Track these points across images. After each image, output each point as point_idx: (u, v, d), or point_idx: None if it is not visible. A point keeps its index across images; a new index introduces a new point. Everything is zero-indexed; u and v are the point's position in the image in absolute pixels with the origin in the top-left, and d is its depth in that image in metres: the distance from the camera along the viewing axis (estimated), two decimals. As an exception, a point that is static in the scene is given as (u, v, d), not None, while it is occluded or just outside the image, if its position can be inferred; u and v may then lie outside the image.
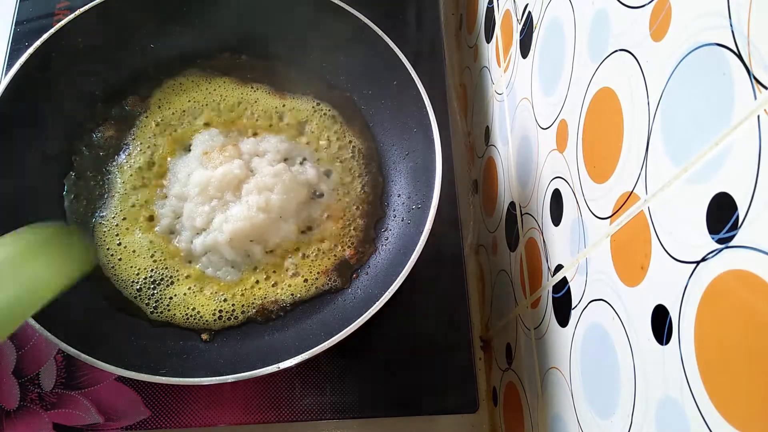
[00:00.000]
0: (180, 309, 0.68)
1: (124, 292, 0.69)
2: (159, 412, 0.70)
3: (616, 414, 0.46)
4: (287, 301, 0.70)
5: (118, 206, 0.72)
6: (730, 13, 0.33)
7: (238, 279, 0.70)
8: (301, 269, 0.71)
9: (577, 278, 0.53)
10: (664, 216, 0.40)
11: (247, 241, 0.69)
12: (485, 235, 0.84)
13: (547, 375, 0.60)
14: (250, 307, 0.69)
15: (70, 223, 0.70)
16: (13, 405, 0.68)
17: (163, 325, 0.68)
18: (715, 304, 0.35)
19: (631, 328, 0.44)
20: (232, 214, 0.69)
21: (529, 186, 0.66)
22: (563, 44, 0.57)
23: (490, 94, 0.82)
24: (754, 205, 0.31)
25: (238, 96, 0.79)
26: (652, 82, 0.41)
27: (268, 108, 0.79)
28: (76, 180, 0.73)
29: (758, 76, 0.31)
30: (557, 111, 0.58)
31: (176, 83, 0.79)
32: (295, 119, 0.79)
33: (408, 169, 0.76)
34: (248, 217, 0.68)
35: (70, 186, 0.72)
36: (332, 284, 0.71)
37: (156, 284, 0.69)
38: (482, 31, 0.86)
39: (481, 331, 0.84)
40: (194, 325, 0.68)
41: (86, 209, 0.72)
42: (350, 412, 0.71)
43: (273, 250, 0.72)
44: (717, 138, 0.34)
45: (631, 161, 0.44)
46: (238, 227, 0.68)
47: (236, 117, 0.78)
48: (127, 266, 0.70)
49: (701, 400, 0.35)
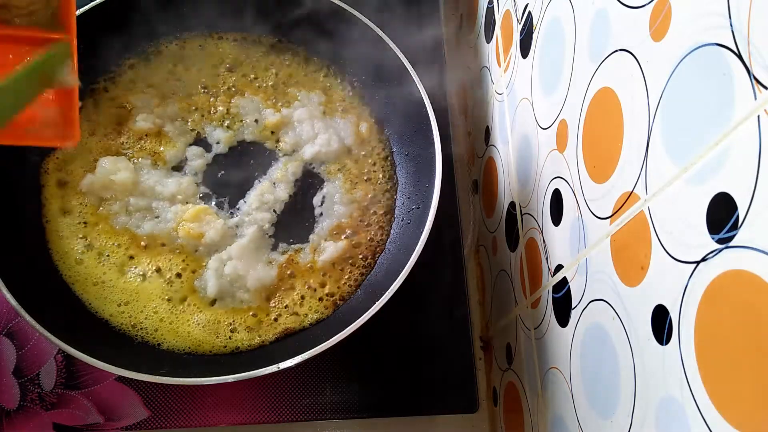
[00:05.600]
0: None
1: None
2: (159, 412, 0.70)
3: (616, 414, 0.46)
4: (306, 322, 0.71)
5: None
6: (730, 13, 0.33)
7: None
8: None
9: (577, 278, 0.53)
10: (664, 216, 0.40)
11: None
12: (485, 235, 0.84)
13: (547, 375, 0.60)
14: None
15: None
16: (13, 405, 0.68)
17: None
18: (715, 304, 0.35)
19: (631, 328, 0.43)
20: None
21: (529, 186, 0.66)
22: (563, 44, 0.57)
23: (490, 94, 0.82)
24: (754, 205, 0.31)
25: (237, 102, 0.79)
26: (652, 82, 0.41)
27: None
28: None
29: (758, 76, 0.31)
30: (557, 111, 0.58)
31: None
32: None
33: (408, 169, 0.76)
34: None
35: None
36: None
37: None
38: (482, 31, 0.86)
39: (481, 331, 0.84)
40: (194, 351, 0.68)
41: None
42: (350, 412, 0.71)
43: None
44: (717, 138, 0.34)
45: (631, 161, 0.44)
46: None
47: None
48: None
49: (701, 400, 0.35)
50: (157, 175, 0.73)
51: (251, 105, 0.78)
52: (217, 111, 0.78)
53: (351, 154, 0.78)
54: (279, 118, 0.77)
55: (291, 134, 0.77)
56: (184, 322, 0.68)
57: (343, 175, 0.77)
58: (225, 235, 0.71)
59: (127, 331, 0.67)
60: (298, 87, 0.80)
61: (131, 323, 0.68)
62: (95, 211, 0.71)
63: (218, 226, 0.71)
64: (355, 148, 0.78)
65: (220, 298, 0.69)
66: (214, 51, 0.81)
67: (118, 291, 0.69)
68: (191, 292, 0.69)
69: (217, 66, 0.80)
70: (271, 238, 0.73)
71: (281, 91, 0.80)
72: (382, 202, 0.76)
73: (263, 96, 0.79)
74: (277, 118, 0.77)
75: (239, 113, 0.78)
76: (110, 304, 0.68)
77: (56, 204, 0.71)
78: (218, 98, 0.78)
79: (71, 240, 0.70)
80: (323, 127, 0.77)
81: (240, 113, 0.78)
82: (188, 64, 0.80)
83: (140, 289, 0.69)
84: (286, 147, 0.77)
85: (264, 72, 0.80)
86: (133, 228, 0.71)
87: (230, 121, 0.78)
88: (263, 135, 0.78)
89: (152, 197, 0.73)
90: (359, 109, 0.80)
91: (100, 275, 0.69)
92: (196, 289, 0.70)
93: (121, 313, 0.68)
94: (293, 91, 0.80)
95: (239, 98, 0.79)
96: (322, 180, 0.77)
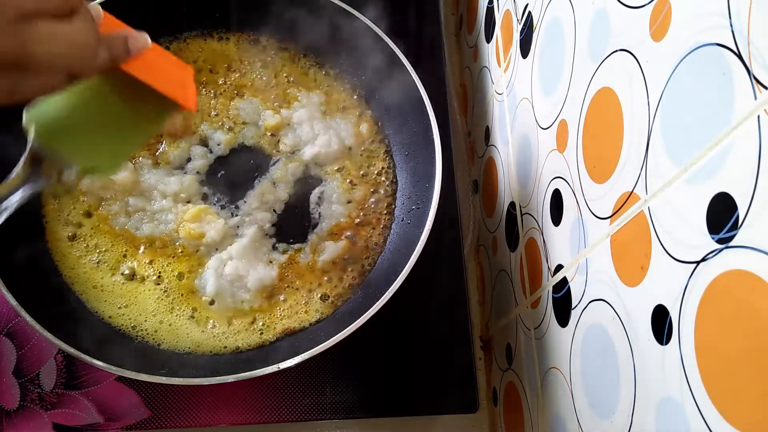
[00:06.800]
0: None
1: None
2: (159, 412, 0.70)
3: (616, 414, 0.46)
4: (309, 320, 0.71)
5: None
6: (730, 13, 0.33)
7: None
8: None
9: (577, 278, 0.53)
10: (664, 216, 0.40)
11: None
12: (485, 235, 0.84)
13: (547, 375, 0.60)
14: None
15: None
16: (13, 405, 0.68)
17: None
18: (715, 305, 0.35)
19: (631, 328, 0.43)
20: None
21: (529, 186, 0.66)
22: (563, 44, 0.57)
23: (490, 94, 0.82)
24: (754, 205, 0.31)
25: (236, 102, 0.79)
26: (652, 82, 0.41)
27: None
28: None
29: (758, 76, 0.31)
30: (557, 111, 0.58)
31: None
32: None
33: (408, 169, 0.76)
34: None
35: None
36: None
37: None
38: (482, 31, 0.86)
39: (481, 331, 0.84)
40: (193, 351, 0.68)
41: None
42: (350, 412, 0.71)
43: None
44: (717, 138, 0.34)
45: (631, 161, 0.44)
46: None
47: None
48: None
49: (701, 400, 0.35)
50: (158, 175, 0.73)
51: (251, 107, 0.78)
52: (218, 112, 0.78)
53: (351, 154, 0.78)
54: (279, 120, 0.77)
55: (291, 136, 0.77)
56: (184, 323, 0.68)
57: (343, 175, 0.77)
58: (226, 234, 0.71)
59: (127, 331, 0.67)
60: (298, 87, 0.80)
61: (131, 325, 0.68)
62: (95, 212, 0.71)
63: (219, 226, 0.71)
64: (355, 149, 0.78)
65: (220, 298, 0.69)
66: (215, 51, 0.80)
67: (117, 294, 0.69)
68: (191, 293, 0.69)
69: (217, 66, 0.80)
70: (271, 238, 0.73)
71: (281, 92, 0.80)
72: (382, 202, 0.76)
73: (263, 97, 0.79)
74: (276, 120, 0.77)
75: (239, 115, 0.78)
76: (110, 307, 0.68)
77: (56, 204, 0.71)
78: (218, 99, 0.78)
79: (70, 241, 0.70)
80: (323, 128, 0.77)
81: (240, 115, 0.78)
82: (188, 64, 0.79)
83: (140, 292, 0.69)
84: (285, 149, 0.77)
85: (264, 72, 0.80)
86: (132, 229, 0.71)
87: (231, 123, 0.78)
88: (263, 137, 0.78)
89: (152, 197, 0.73)
90: (359, 109, 0.80)
91: (98, 279, 0.69)
92: (196, 289, 0.70)
93: (121, 315, 0.68)
94: (293, 92, 0.80)
95: (239, 100, 0.79)
96: (322, 180, 0.77)
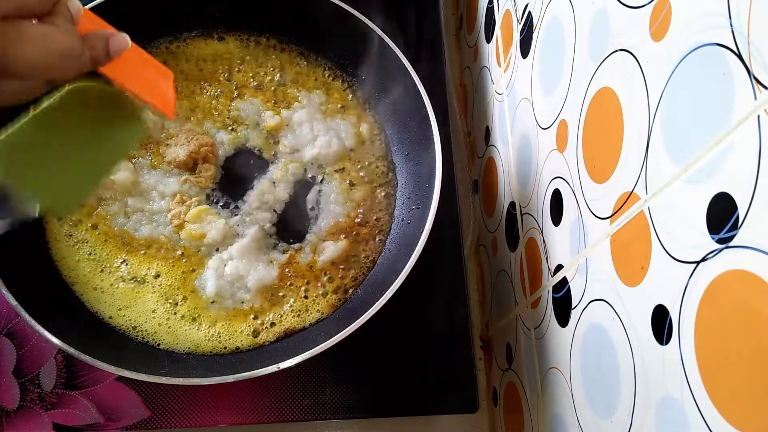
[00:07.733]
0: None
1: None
2: (159, 412, 0.70)
3: (616, 414, 0.46)
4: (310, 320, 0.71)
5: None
6: (730, 13, 0.33)
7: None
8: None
9: (577, 278, 0.53)
10: (664, 216, 0.40)
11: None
12: (485, 235, 0.84)
13: (547, 375, 0.60)
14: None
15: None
16: (13, 405, 0.68)
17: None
18: (715, 305, 0.35)
19: (631, 328, 0.43)
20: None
21: (529, 186, 0.66)
22: (563, 44, 0.57)
23: (490, 94, 0.82)
24: (754, 205, 0.31)
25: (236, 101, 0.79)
26: (652, 82, 0.41)
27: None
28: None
29: (758, 76, 0.31)
30: (557, 111, 0.58)
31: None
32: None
33: (408, 169, 0.76)
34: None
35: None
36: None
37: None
38: (482, 31, 0.86)
39: (481, 331, 0.84)
40: (193, 351, 0.68)
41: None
42: (350, 412, 0.71)
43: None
44: (717, 138, 0.34)
45: (631, 161, 0.44)
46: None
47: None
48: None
49: (701, 400, 0.35)
50: (157, 175, 0.73)
51: (251, 107, 0.78)
52: (219, 113, 0.78)
53: (351, 154, 0.78)
54: (279, 121, 0.77)
55: (291, 137, 0.77)
56: (184, 323, 0.68)
57: (343, 175, 0.77)
58: (226, 234, 0.71)
59: (127, 332, 0.67)
60: (298, 87, 0.80)
61: (131, 325, 0.68)
62: (94, 212, 0.71)
63: (220, 226, 0.71)
64: (355, 149, 0.78)
65: (220, 298, 0.69)
66: (215, 51, 0.81)
67: (117, 295, 0.69)
68: (191, 293, 0.69)
69: (217, 66, 0.80)
70: (271, 238, 0.73)
71: (281, 92, 0.80)
72: (382, 202, 0.76)
73: (263, 98, 0.79)
74: (276, 121, 0.77)
75: (240, 116, 0.78)
76: (110, 308, 0.68)
77: (56, 204, 0.71)
78: (218, 100, 0.78)
79: (70, 241, 0.70)
80: (323, 129, 0.77)
81: (240, 116, 0.78)
82: (189, 64, 0.80)
83: (140, 292, 0.69)
84: (285, 149, 0.77)
85: (264, 72, 0.80)
86: (131, 230, 0.71)
87: (233, 124, 0.78)
88: (263, 137, 0.78)
89: (152, 197, 0.73)
90: (359, 109, 0.80)
91: (98, 281, 0.69)
92: (196, 290, 0.70)
93: (121, 316, 0.68)
94: (293, 92, 0.80)
95: (239, 101, 0.79)
96: (322, 180, 0.77)
